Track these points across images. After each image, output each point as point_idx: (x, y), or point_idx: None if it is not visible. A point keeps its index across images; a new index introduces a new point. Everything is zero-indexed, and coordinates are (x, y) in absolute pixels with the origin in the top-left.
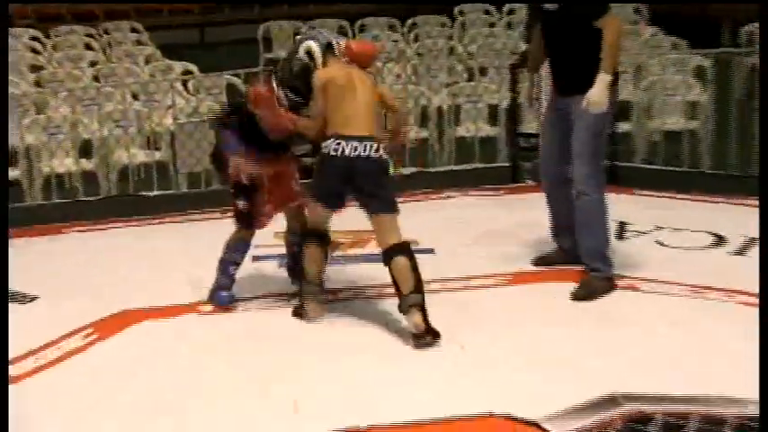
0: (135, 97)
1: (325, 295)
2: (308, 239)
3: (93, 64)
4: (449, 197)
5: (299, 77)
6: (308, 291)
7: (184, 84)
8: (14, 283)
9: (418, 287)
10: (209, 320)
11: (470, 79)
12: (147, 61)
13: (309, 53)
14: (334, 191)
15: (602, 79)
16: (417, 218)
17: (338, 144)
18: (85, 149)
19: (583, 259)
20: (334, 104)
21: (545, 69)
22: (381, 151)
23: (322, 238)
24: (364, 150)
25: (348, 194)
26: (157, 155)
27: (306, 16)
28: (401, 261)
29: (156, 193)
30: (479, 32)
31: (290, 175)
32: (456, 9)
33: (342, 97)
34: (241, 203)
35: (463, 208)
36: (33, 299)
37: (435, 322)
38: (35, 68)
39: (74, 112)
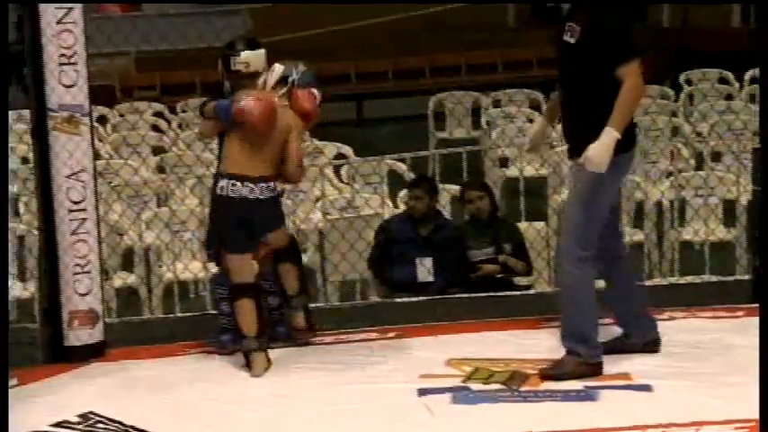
0: None
1: (267, 348)
2: (236, 295)
3: None
4: (671, 318)
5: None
6: (247, 346)
7: (337, 170)
8: (128, 417)
9: (303, 289)
10: None
11: (699, 167)
12: None
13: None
14: (243, 233)
15: (608, 135)
16: None
17: (234, 185)
18: None
19: (562, 340)
20: (233, 137)
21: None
22: (274, 189)
23: (253, 291)
24: (261, 192)
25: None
26: (304, 258)
27: (489, 85)
28: (286, 265)
29: None
30: (712, 107)
31: None
32: (682, 77)
33: (244, 135)
34: None
35: (689, 333)
36: None
37: None
38: (158, 150)
39: (203, 204)
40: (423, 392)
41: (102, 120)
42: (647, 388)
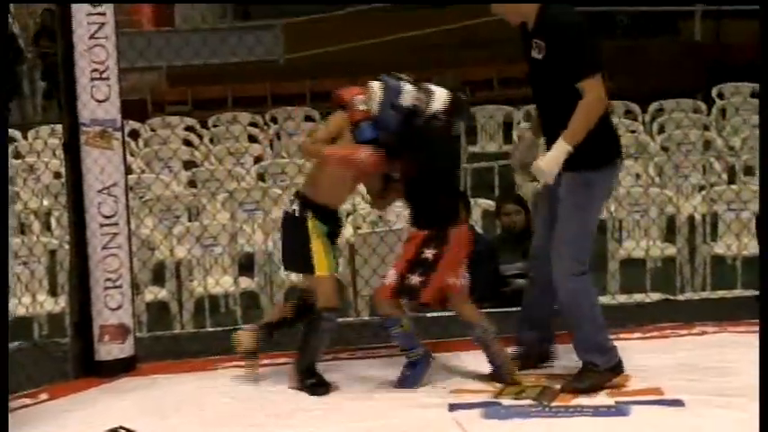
0: None
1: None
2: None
3: (258, 160)
4: (703, 333)
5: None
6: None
7: None
8: None
9: (301, 354)
10: None
11: (732, 181)
12: None
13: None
14: None
15: (558, 147)
16: (661, 359)
17: None
18: (247, 265)
19: (578, 356)
20: None
21: None
22: (295, 205)
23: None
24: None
25: None
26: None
27: (521, 99)
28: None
29: None
30: (745, 121)
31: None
32: (714, 91)
33: None
34: (415, 279)
35: (722, 347)
36: None
37: None
38: (189, 165)
39: (234, 219)
40: (453, 407)
41: (134, 134)
42: (678, 403)
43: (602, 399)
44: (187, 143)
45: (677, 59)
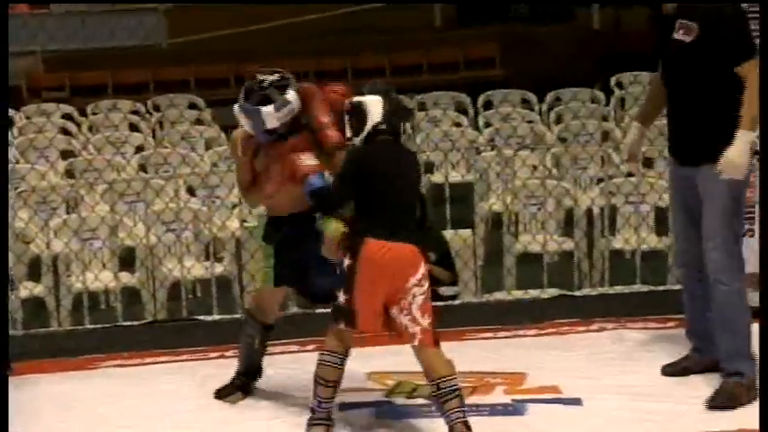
0: (192, 193)
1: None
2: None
3: (139, 149)
4: (601, 329)
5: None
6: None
7: None
8: None
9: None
10: None
11: (630, 174)
12: (209, 146)
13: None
14: None
15: (742, 137)
16: (558, 356)
17: None
18: (127, 260)
19: (721, 363)
20: None
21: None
22: None
23: None
24: None
25: None
26: (218, 268)
27: (414, 88)
28: None
29: (215, 317)
30: None
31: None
32: (612, 80)
33: None
34: (342, 296)
35: (620, 344)
36: None
37: None
38: (67, 154)
39: (114, 211)
40: (344, 407)
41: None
42: (576, 402)
43: (499, 397)
44: (64, 131)
45: (575, 48)
